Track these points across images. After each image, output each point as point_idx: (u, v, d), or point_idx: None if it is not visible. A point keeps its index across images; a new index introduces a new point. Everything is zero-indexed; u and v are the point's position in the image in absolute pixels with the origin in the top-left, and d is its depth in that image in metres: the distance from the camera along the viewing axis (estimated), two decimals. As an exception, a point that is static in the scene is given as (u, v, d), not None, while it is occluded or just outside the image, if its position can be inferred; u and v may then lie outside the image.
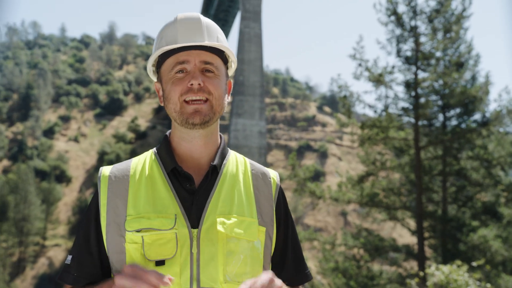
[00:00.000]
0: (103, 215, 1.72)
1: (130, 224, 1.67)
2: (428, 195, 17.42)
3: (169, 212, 1.67)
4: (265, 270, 1.76)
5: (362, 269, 16.45)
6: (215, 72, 1.78)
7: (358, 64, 16.41)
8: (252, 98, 72.31)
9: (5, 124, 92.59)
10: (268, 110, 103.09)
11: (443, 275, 9.06)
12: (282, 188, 1.92)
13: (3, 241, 62.59)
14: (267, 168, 1.94)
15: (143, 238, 1.64)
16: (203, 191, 1.73)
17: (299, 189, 16.41)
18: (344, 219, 77.15)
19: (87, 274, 1.74)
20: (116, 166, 1.81)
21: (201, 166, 1.79)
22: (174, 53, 1.77)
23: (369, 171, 17.07)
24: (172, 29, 1.80)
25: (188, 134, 1.78)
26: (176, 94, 1.73)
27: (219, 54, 1.81)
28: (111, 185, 1.74)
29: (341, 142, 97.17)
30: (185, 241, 1.65)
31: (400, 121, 16.86)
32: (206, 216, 1.68)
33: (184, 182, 1.73)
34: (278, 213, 1.85)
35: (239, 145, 70.62)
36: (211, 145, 1.82)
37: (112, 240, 1.69)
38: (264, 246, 1.76)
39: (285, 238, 1.86)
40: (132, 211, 1.69)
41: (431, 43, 16.52)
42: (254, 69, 73.36)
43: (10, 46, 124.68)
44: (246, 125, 71.61)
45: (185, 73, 1.75)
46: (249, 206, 1.77)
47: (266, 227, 1.78)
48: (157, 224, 1.65)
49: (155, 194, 1.71)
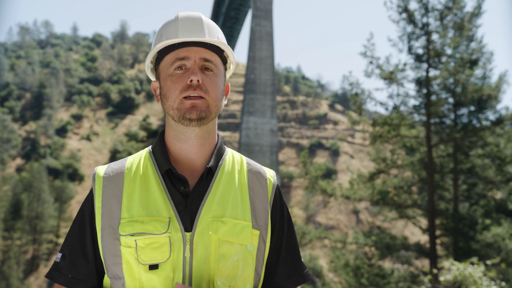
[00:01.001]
0: (98, 217, 1.71)
1: (123, 228, 1.65)
2: (439, 193, 17.34)
3: (162, 215, 1.66)
4: (257, 273, 1.76)
5: (374, 267, 16.42)
6: (214, 70, 1.76)
7: (369, 62, 16.37)
8: (264, 96, 72.26)
9: (18, 123, 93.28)
10: (280, 108, 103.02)
11: (458, 271, 9.02)
12: (279, 188, 1.89)
13: (17, 239, 63.10)
14: (265, 167, 1.91)
15: (136, 242, 1.63)
16: (197, 194, 1.71)
17: (310, 187, 16.39)
18: (356, 217, 76.97)
19: (84, 277, 1.73)
20: (111, 166, 1.79)
21: (196, 167, 1.77)
22: (174, 49, 1.75)
23: (380, 169, 17.01)
24: (173, 26, 1.78)
25: (184, 133, 1.75)
26: (176, 92, 1.71)
27: (219, 53, 1.80)
28: (106, 187, 1.73)
29: (353, 140, 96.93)
30: (179, 244, 1.64)
31: (411, 119, 16.79)
32: (199, 220, 1.67)
33: (178, 184, 1.71)
34: (274, 215, 1.82)
35: (250, 143, 70.63)
36: (208, 146, 1.79)
37: (107, 243, 1.68)
38: (257, 249, 1.74)
39: (280, 240, 1.83)
40: (126, 214, 1.67)
41: (443, 40, 16.43)
42: (265, 67, 73.30)
43: (22, 45, 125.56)
44: (257, 123, 71.57)
45: (184, 70, 1.73)
46: (243, 209, 1.74)
47: (260, 230, 1.75)
48: (151, 228, 1.64)
49: (148, 196, 1.70)
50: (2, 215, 62.92)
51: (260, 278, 1.78)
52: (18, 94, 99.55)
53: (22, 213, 63.11)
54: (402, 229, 25.85)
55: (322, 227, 17.86)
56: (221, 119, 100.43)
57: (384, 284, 15.88)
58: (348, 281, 16.31)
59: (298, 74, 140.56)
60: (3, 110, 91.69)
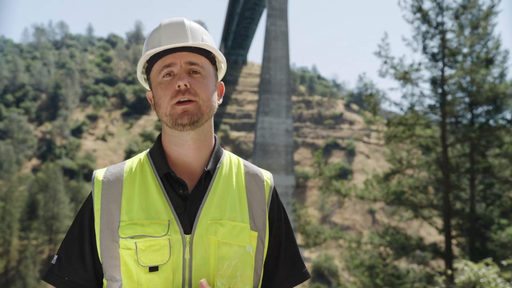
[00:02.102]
0: (97, 220, 1.73)
1: (123, 231, 1.68)
2: (455, 193, 17.21)
3: (162, 218, 1.68)
4: (256, 273, 1.79)
5: (388, 267, 16.34)
6: (202, 72, 1.78)
7: (383, 62, 16.29)
8: (279, 96, 72.24)
9: (34, 123, 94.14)
10: (295, 108, 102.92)
11: (472, 272, 8.94)
12: (276, 190, 1.93)
13: (33, 239, 63.70)
14: (262, 169, 1.94)
15: (136, 245, 1.66)
16: (196, 197, 1.74)
17: (324, 187, 16.36)
18: (372, 218, 76.67)
19: (81, 279, 1.74)
20: (110, 170, 1.81)
21: (194, 170, 1.79)
22: (160, 58, 1.77)
23: (395, 169, 16.93)
24: (156, 34, 1.80)
25: (179, 138, 1.78)
26: (166, 99, 1.73)
27: (206, 55, 1.81)
28: (105, 190, 1.75)
29: (369, 140, 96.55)
30: (178, 247, 1.66)
31: (426, 119, 16.68)
32: (199, 222, 1.70)
33: (177, 188, 1.74)
34: (271, 217, 1.86)
35: (265, 143, 70.64)
36: (204, 149, 1.81)
37: (106, 246, 1.70)
38: (256, 250, 1.78)
39: (278, 240, 1.87)
40: (126, 217, 1.70)
41: (458, 39, 16.30)
42: (280, 67, 73.26)
43: (38, 46, 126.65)
44: (272, 123, 71.57)
45: (172, 76, 1.75)
46: (241, 211, 1.77)
47: (258, 231, 1.79)
48: (151, 231, 1.66)
49: (148, 199, 1.72)
50: (18, 215, 63.57)
51: (259, 278, 1.81)
52: (34, 95, 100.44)
53: (38, 213, 63.72)
54: (418, 229, 25.71)
55: (337, 227, 17.81)
56: (236, 119, 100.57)
57: (399, 284, 15.80)
58: (363, 281, 16.26)
59: (314, 74, 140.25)
60: (19, 111, 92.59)
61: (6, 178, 74.26)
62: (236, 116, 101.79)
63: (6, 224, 62.52)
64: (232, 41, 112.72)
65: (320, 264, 60.47)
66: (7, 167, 76.82)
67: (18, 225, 63.64)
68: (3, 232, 62.82)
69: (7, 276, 61.67)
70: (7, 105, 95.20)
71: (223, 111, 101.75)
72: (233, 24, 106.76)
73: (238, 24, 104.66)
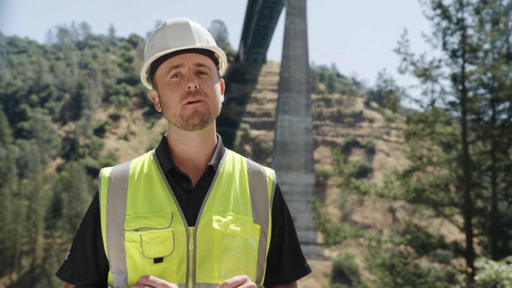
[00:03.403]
0: (103, 215, 1.79)
1: (128, 224, 1.73)
2: (477, 191, 17.05)
3: (166, 211, 1.74)
4: (259, 266, 1.83)
5: (409, 266, 16.24)
6: (209, 73, 1.84)
7: (403, 58, 16.20)
8: (298, 94, 72.12)
9: (58, 123, 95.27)
10: (314, 106, 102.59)
11: (492, 270, 8.86)
12: (279, 186, 1.96)
13: (57, 237, 64.53)
14: (264, 166, 1.97)
15: (141, 237, 1.71)
16: (200, 191, 1.78)
17: (343, 185, 16.32)
18: (393, 216, 76.17)
19: (82, 272, 1.82)
20: (116, 168, 1.87)
21: (198, 166, 1.85)
22: (166, 59, 1.82)
23: (415, 166, 16.82)
24: (162, 35, 1.85)
25: (186, 136, 1.83)
26: (176, 100, 1.79)
27: (210, 56, 1.88)
28: (111, 186, 1.81)
29: (389, 138, 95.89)
30: (182, 238, 1.71)
31: (447, 116, 16.54)
32: (202, 214, 1.74)
33: (181, 182, 1.79)
34: (274, 211, 1.89)
35: (285, 141, 70.57)
36: (208, 146, 1.87)
37: (112, 239, 1.76)
38: (258, 243, 1.82)
39: (281, 235, 1.91)
40: (131, 211, 1.75)
41: (479, 35, 16.13)
42: (299, 65, 73.12)
43: (61, 47, 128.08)
44: (292, 122, 71.47)
45: (180, 77, 1.81)
46: (244, 205, 1.82)
47: (260, 224, 1.83)
48: (154, 223, 1.72)
49: (152, 194, 1.77)
50: (43, 213, 64.45)
51: (262, 272, 1.86)
52: (58, 95, 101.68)
53: (62, 212, 64.51)
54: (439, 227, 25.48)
55: (357, 225, 17.75)
56: (256, 118, 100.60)
57: (420, 283, 15.70)
58: (384, 280, 16.19)
59: (333, 72, 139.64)
60: (43, 111, 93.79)
61: (32, 178, 75.37)
62: (256, 115, 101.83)
63: (31, 222, 63.45)
64: (252, 39, 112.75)
65: (341, 263, 60.26)
66: (32, 167, 77.91)
67: (43, 224, 64.54)
68: (29, 230, 63.77)
69: (33, 274, 62.61)
70: (32, 105, 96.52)
71: (243, 110, 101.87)
72: (252, 22, 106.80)
73: (257, 23, 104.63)
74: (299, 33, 73.87)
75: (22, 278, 62.03)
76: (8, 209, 62.52)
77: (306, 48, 73.98)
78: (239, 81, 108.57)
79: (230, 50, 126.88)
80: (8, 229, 61.45)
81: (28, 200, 65.39)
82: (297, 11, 74.11)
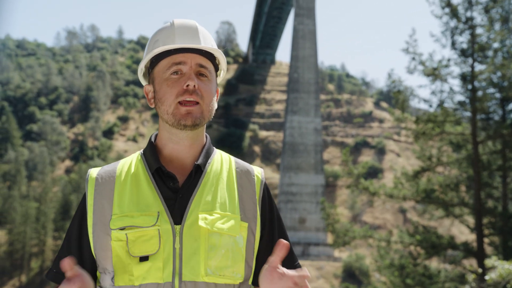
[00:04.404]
0: (90, 215, 1.78)
1: (114, 223, 1.73)
2: (487, 191, 16.94)
3: (152, 210, 1.73)
4: (248, 264, 1.82)
5: (419, 267, 16.14)
6: (209, 76, 1.83)
7: (411, 58, 16.12)
8: (307, 95, 72.05)
9: (66, 125, 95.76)
10: (324, 106, 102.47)
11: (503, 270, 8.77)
12: (267, 185, 1.95)
13: (67, 239, 64.75)
14: (253, 165, 1.96)
15: (127, 236, 1.71)
16: (187, 190, 1.78)
17: (352, 185, 16.26)
18: (404, 216, 75.90)
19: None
20: (104, 168, 1.87)
21: (186, 166, 1.84)
22: (169, 55, 1.82)
23: (424, 167, 16.73)
24: (169, 32, 1.85)
25: (177, 135, 1.82)
26: (172, 96, 1.78)
27: (212, 61, 1.87)
28: (98, 187, 1.81)
29: (399, 138, 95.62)
30: (168, 237, 1.71)
31: (456, 116, 16.44)
32: (189, 213, 1.74)
33: (168, 181, 1.78)
34: (263, 210, 1.88)
35: (294, 142, 70.50)
36: (197, 146, 1.86)
37: (98, 239, 1.75)
38: (246, 241, 1.81)
39: (271, 234, 1.90)
40: (117, 210, 1.75)
41: (488, 34, 16.02)
42: (308, 66, 73.06)
43: (70, 49, 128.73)
44: (301, 122, 71.40)
45: (180, 75, 1.79)
46: (231, 203, 1.81)
47: (248, 222, 1.82)
48: (140, 222, 1.71)
49: (139, 193, 1.77)
50: (52, 215, 64.73)
51: (251, 270, 1.85)
52: (66, 97, 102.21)
53: (71, 213, 64.66)
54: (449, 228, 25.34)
55: (366, 226, 17.68)
56: (265, 119, 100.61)
57: (430, 284, 15.59)
58: (393, 281, 16.10)
59: (342, 72, 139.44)
60: (52, 113, 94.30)
61: (41, 180, 75.78)
62: (265, 116, 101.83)
63: (41, 224, 63.75)
64: (260, 40, 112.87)
65: (351, 264, 60.05)
66: (41, 169, 78.33)
67: (52, 226, 64.81)
68: (38, 232, 64.07)
69: (42, 275, 62.84)
70: (41, 108, 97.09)
71: (252, 111, 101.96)
72: (261, 23, 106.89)
73: (266, 24, 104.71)
74: (308, 33, 73.80)
75: (31, 280, 62.35)
76: (18, 211, 62.92)
77: (315, 48, 73.89)
78: (248, 82, 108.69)
79: (238, 51, 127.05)
80: (18, 231, 61.81)
81: (37, 202, 65.71)
82: (305, 12, 74.07)
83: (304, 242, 64.68)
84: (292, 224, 66.18)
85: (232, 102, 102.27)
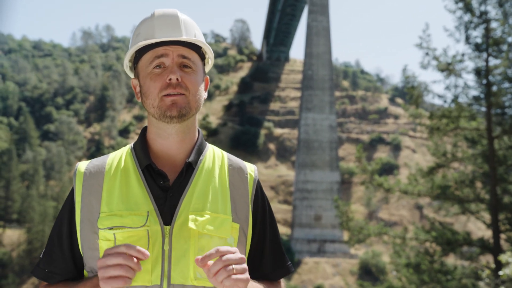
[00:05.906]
0: (78, 212, 1.74)
1: (102, 222, 1.68)
2: (503, 187, 16.76)
3: (141, 209, 1.68)
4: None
5: (435, 263, 16.05)
6: (193, 67, 1.78)
7: (425, 53, 16.01)
8: (322, 92, 71.87)
9: (83, 125, 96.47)
10: (338, 103, 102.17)
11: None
12: (260, 183, 1.90)
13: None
14: (246, 162, 1.92)
15: (115, 236, 1.66)
16: (177, 188, 1.73)
17: (367, 182, 16.20)
18: (420, 213, 75.46)
19: (59, 270, 1.77)
20: (93, 162, 1.82)
21: (177, 163, 1.79)
22: (151, 48, 1.77)
23: (439, 163, 16.62)
24: (149, 24, 1.80)
25: (165, 130, 1.77)
26: (156, 90, 1.74)
27: (196, 50, 1.82)
28: (86, 182, 1.76)
29: (415, 134, 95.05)
30: (157, 238, 1.66)
31: (471, 111, 16.30)
32: (179, 213, 1.69)
33: (158, 179, 1.73)
34: (255, 209, 1.84)
35: (309, 139, 70.38)
36: (188, 142, 1.81)
37: (86, 237, 1.71)
38: (238, 242, 1.76)
39: (263, 233, 1.86)
40: (106, 209, 1.70)
41: (503, 28, 15.85)
42: (322, 62, 72.87)
43: (85, 49, 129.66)
44: (316, 120, 71.26)
45: (163, 68, 1.75)
46: (223, 203, 1.76)
47: (240, 223, 1.77)
48: (129, 222, 1.66)
49: (128, 191, 1.72)
50: (69, 214, 65.17)
51: None
52: (83, 97, 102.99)
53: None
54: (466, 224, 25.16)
55: (381, 223, 17.61)
56: (280, 116, 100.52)
57: (447, 280, 15.50)
58: (409, 278, 16.03)
59: (357, 69, 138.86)
60: (68, 113, 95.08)
61: (58, 179, 76.41)
62: (280, 113, 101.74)
63: (58, 223, 64.27)
64: (274, 38, 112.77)
65: (368, 261, 59.82)
66: (59, 168, 78.99)
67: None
68: (56, 231, 64.59)
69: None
70: (58, 108, 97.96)
71: (267, 108, 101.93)
72: (274, 21, 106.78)
73: (280, 21, 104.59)
74: (322, 30, 73.59)
75: (51, 278, 62.96)
76: (36, 210, 63.46)
77: (329, 45, 73.67)
78: (262, 80, 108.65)
79: (253, 49, 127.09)
80: (36, 230, 62.34)
81: (55, 201, 66.22)
82: (319, 9, 73.85)
83: (320, 239, 64.63)
84: (308, 221, 66.14)
85: (246, 100, 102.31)
